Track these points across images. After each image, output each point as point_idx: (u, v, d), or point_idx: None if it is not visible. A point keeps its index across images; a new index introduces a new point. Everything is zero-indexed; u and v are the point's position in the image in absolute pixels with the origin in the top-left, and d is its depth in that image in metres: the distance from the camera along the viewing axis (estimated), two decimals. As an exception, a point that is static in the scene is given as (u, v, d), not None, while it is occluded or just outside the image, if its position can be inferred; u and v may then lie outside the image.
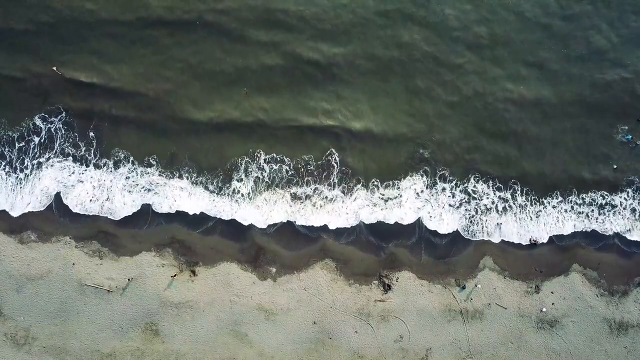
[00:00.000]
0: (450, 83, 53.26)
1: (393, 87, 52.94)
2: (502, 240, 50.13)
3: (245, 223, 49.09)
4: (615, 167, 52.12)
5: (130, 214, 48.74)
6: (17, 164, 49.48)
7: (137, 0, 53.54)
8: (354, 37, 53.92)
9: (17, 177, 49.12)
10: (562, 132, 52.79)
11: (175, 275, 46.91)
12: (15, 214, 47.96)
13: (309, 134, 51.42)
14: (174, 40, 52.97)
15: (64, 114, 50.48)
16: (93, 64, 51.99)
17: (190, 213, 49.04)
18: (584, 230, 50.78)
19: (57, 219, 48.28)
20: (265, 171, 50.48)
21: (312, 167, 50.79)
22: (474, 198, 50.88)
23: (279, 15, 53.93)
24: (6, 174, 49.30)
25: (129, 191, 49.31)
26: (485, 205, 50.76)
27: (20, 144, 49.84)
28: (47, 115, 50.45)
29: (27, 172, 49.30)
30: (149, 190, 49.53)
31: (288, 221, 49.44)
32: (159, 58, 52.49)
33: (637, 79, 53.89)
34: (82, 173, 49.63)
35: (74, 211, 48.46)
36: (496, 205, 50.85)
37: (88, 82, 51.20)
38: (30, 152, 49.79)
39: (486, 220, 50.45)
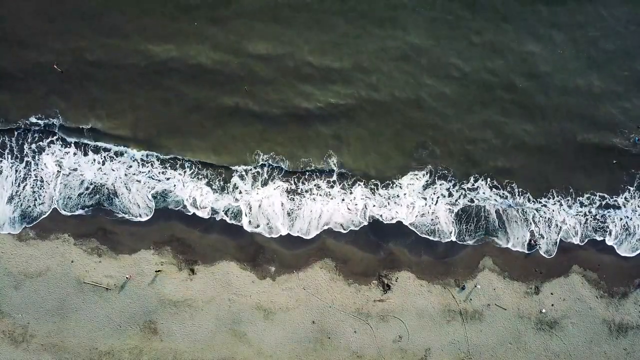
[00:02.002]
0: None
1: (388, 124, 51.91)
2: (502, 242, 50.10)
3: (246, 228, 49.05)
4: (614, 161, 51.88)
5: (145, 218, 48.53)
6: (19, 155, 49.25)
7: (138, 46, 51.54)
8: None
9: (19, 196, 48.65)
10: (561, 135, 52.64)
11: (159, 271, 46.77)
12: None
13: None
14: (177, 83, 51.28)
15: (60, 117, 49.99)
16: (93, 107, 50.50)
17: (201, 216, 48.81)
18: (584, 231, 50.66)
19: (55, 215, 48.13)
20: (265, 169, 50.25)
21: (312, 167, 50.58)
22: (473, 197, 50.69)
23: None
24: (12, 167, 48.92)
25: (127, 182, 48.97)
26: (484, 201, 50.62)
27: (20, 137, 49.57)
28: (44, 116, 49.78)
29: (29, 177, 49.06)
30: (156, 180, 49.39)
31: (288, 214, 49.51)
32: (160, 99, 50.92)
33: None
34: (77, 163, 49.23)
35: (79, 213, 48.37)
36: (495, 203, 50.68)
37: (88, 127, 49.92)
38: (30, 141, 49.53)
39: (486, 218, 50.31)
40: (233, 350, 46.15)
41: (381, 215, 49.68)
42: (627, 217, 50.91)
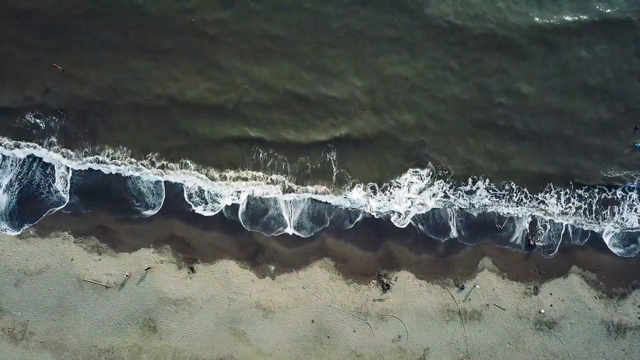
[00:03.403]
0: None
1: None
2: (501, 242, 50.20)
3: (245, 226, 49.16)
4: (611, 169, 51.89)
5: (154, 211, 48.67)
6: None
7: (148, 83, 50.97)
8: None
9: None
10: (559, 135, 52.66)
11: (149, 268, 46.81)
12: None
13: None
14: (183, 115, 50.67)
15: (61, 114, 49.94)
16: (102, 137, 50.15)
17: (201, 214, 48.84)
18: (583, 227, 50.79)
19: (55, 213, 48.14)
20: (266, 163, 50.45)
21: (309, 166, 50.64)
22: (471, 199, 50.84)
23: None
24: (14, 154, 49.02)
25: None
26: (482, 200, 50.77)
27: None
28: (42, 114, 49.64)
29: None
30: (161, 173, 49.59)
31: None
32: (163, 127, 50.46)
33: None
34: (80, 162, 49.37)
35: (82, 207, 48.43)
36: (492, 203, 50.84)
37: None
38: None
39: (485, 217, 50.46)
40: (232, 348, 46.21)
41: (380, 213, 49.80)
42: (623, 218, 51.08)
